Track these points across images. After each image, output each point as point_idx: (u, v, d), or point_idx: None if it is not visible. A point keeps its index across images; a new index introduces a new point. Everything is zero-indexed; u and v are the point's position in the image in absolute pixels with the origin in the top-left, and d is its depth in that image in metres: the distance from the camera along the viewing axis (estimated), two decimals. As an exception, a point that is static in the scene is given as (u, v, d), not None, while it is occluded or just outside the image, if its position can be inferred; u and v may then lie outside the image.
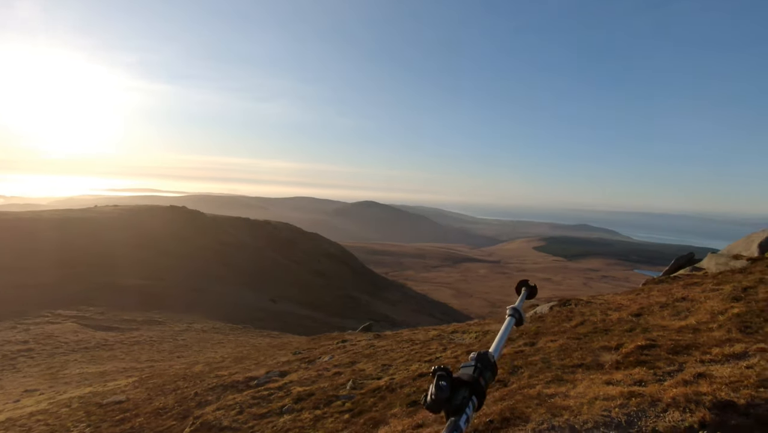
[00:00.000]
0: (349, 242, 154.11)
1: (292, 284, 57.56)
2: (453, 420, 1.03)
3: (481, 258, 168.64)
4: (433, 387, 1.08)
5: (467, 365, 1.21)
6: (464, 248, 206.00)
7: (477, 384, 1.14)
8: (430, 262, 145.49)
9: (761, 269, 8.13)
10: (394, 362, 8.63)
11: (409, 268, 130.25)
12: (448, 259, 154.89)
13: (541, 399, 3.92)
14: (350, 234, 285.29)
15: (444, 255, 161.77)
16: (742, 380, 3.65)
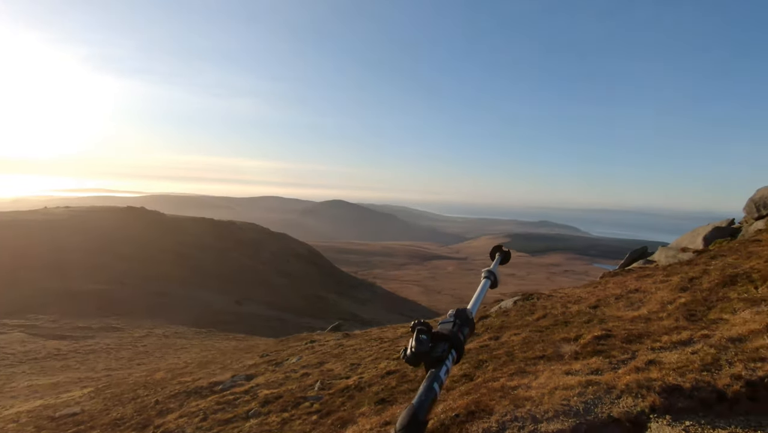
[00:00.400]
0: (317, 242, 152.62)
1: (259, 286, 56.39)
2: (433, 371, 1.04)
3: (449, 255, 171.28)
4: (414, 340, 1.09)
5: (446, 321, 1.22)
6: (432, 246, 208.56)
7: (456, 338, 1.15)
8: (398, 260, 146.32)
9: (705, 261, 8.69)
10: (363, 360, 8.63)
11: (378, 266, 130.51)
12: (416, 257, 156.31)
13: (504, 391, 4.03)
14: (319, 234, 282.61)
15: (412, 253, 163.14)
16: (687, 365, 3.90)
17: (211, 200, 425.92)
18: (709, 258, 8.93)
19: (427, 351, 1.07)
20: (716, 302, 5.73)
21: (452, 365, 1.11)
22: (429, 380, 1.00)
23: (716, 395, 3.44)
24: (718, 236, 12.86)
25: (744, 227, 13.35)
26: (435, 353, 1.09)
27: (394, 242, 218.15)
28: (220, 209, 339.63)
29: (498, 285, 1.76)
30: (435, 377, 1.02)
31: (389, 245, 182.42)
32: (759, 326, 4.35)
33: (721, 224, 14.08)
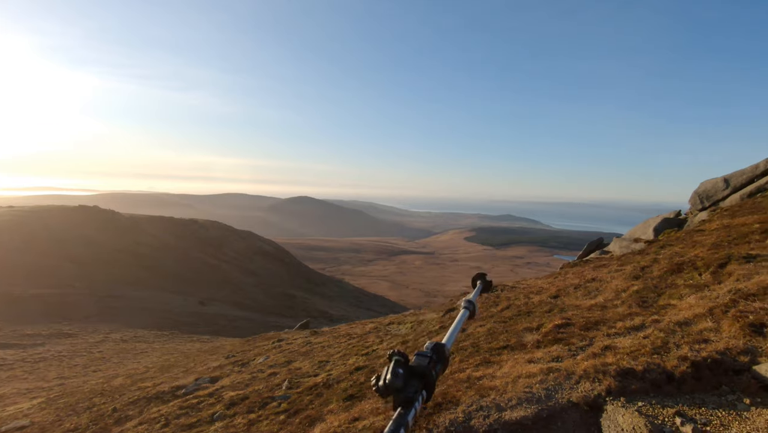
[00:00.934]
0: (284, 239, 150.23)
1: (224, 285, 54.88)
2: (402, 413, 1.01)
3: (416, 250, 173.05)
4: (389, 373, 1.06)
5: (423, 353, 1.20)
6: (399, 241, 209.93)
7: (429, 377, 1.14)
8: (366, 256, 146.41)
9: (655, 250, 9.21)
10: (332, 357, 8.59)
11: (346, 262, 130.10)
12: (383, 252, 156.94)
13: (470, 382, 4.12)
14: (285, 230, 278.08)
15: (380, 249, 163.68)
16: (639, 349, 4.12)
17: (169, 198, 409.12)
18: (658, 248, 9.47)
19: (400, 388, 1.06)
20: (665, 289, 6.09)
21: (420, 408, 1.10)
22: (396, 423, 0.98)
23: (665, 376, 3.66)
24: (666, 226, 13.65)
25: (689, 218, 14.25)
26: (407, 392, 1.07)
27: (362, 237, 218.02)
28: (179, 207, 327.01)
29: (475, 316, 1.75)
30: (402, 421, 0.99)
31: (357, 241, 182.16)
32: (703, 310, 4.65)
33: (670, 215, 14.97)
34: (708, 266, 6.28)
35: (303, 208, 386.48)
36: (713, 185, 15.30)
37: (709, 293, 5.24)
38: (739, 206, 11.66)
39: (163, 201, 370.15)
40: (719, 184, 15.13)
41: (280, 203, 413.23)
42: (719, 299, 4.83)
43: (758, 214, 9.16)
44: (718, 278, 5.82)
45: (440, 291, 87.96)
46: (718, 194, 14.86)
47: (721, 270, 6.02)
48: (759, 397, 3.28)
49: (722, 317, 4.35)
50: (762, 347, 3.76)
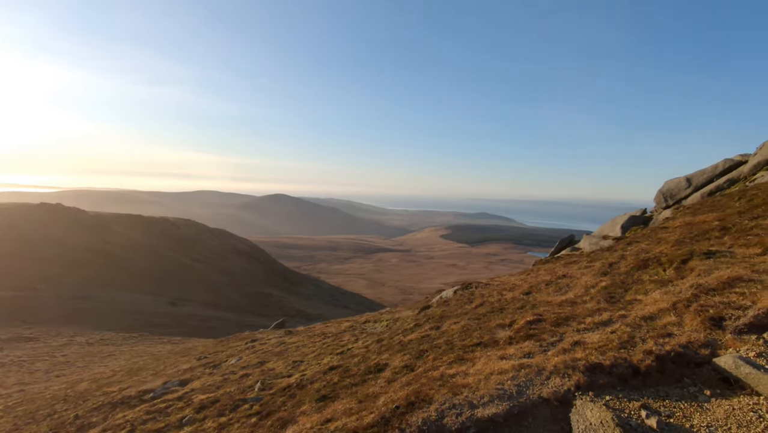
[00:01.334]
0: (259, 237, 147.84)
1: (197, 285, 53.56)
2: None
3: (393, 248, 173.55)
4: None
5: None
6: (376, 239, 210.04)
7: None
8: (342, 254, 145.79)
9: (622, 247, 9.49)
10: (306, 357, 8.48)
11: (322, 261, 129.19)
12: (360, 250, 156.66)
13: (444, 380, 4.13)
14: (260, 229, 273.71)
15: (356, 246, 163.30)
16: (607, 344, 4.22)
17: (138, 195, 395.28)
18: (625, 244, 9.77)
19: None
20: (632, 285, 6.27)
21: None
22: None
23: (631, 370, 3.76)
24: (633, 224, 14.12)
25: (654, 216, 14.78)
26: None
27: (339, 235, 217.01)
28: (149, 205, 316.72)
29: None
30: None
31: (333, 239, 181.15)
32: (667, 304, 4.81)
33: (636, 213, 15.49)
34: (672, 261, 6.51)
35: (278, 206, 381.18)
36: (676, 184, 15.92)
37: (673, 288, 5.42)
38: (700, 204, 12.17)
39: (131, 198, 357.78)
40: (682, 183, 15.76)
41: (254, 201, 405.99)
42: (682, 294, 5.00)
43: (717, 212, 9.57)
44: (681, 274, 6.03)
45: (417, 288, 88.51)
46: (681, 193, 15.48)
47: (684, 266, 6.24)
48: (718, 388, 3.41)
49: (685, 311, 4.50)
50: (721, 340, 3.91)
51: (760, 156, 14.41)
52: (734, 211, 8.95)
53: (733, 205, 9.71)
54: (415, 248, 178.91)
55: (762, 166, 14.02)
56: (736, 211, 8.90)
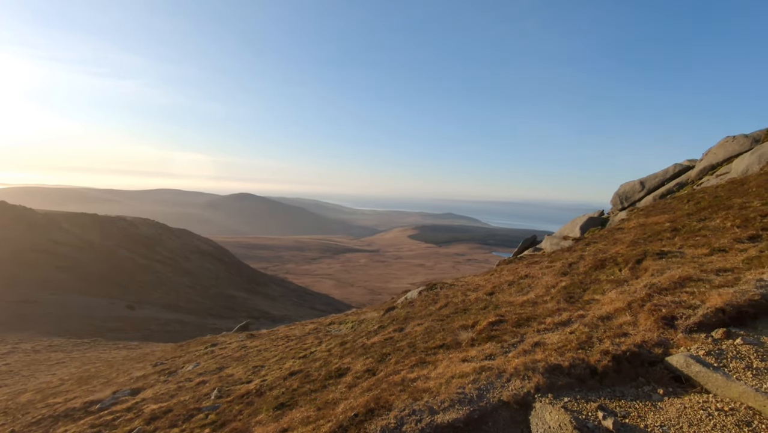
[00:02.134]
0: (223, 237, 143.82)
1: (156, 287, 51.33)
2: None
3: (361, 248, 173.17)
4: None
5: None
6: (344, 239, 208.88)
7: None
8: (310, 254, 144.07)
9: (581, 247, 9.76)
10: (267, 362, 8.20)
11: (289, 261, 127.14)
12: (328, 250, 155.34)
13: (404, 385, 4.03)
14: (224, 228, 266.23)
15: (324, 247, 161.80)
16: (566, 344, 4.25)
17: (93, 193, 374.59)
18: (584, 245, 10.05)
19: None
20: (590, 284, 6.41)
21: None
22: None
23: (589, 371, 3.79)
24: (591, 225, 14.62)
25: (611, 217, 15.36)
26: None
27: (306, 235, 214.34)
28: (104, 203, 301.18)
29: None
30: None
31: (301, 239, 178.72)
32: (622, 304, 4.92)
33: (594, 214, 16.06)
34: (627, 262, 6.71)
35: (244, 205, 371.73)
36: (631, 187, 16.63)
37: (628, 288, 5.57)
38: (652, 207, 12.73)
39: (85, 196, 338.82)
40: (636, 186, 16.48)
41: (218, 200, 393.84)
42: (636, 294, 5.13)
43: (668, 214, 10.01)
44: (635, 273, 6.22)
45: (385, 288, 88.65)
46: (636, 195, 16.19)
47: (638, 266, 6.45)
48: (671, 387, 3.49)
49: (639, 310, 4.61)
50: (673, 339, 4.02)
51: (705, 162, 15.27)
52: (684, 213, 9.39)
53: (682, 207, 10.19)
54: (383, 248, 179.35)
55: (707, 171, 14.86)
56: (685, 213, 9.34)
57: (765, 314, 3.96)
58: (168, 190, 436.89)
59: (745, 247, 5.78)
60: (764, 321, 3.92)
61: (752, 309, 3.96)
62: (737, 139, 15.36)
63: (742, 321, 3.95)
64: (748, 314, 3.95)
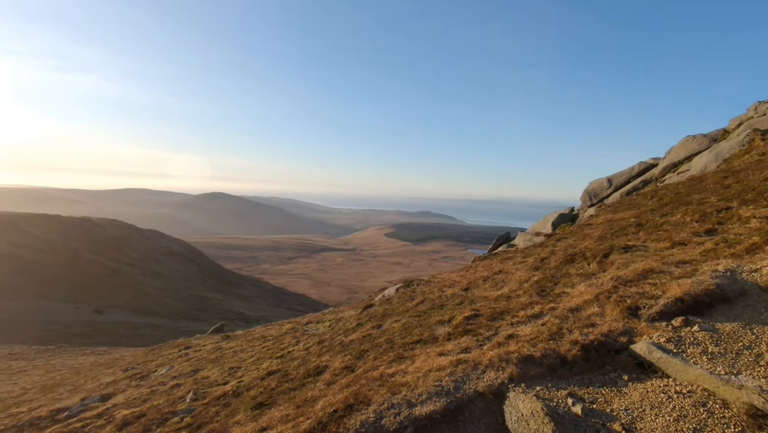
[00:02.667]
0: (195, 238, 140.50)
1: (125, 290, 49.63)
2: None
3: (338, 247, 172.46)
4: None
5: None
6: (320, 238, 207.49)
7: None
8: (286, 254, 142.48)
9: (553, 243, 10.07)
10: (244, 363, 8.11)
11: (265, 261, 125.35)
12: (304, 249, 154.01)
13: (383, 380, 4.09)
14: (197, 229, 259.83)
15: (300, 246, 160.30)
16: (538, 336, 4.41)
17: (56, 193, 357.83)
18: (555, 240, 10.38)
19: None
20: (560, 278, 6.65)
21: None
22: None
23: (560, 360, 3.95)
24: (562, 221, 15.07)
25: (581, 213, 15.88)
26: None
27: (282, 235, 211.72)
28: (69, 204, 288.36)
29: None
30: None
31: (276, 239, 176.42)
32: (590, 296, 5.13)
33: (565, 211, 16.56)
34: (595, 256, 6.99)
35: (217, 204, 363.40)
36: (599, 184, 17.24)
37: (596, 281, 5.81)
38: (619, 203, 13.24)
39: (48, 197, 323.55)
40: (604, 183, 17.10)
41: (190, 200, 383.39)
42: (603, 286, 5.36)
43: (633, 210, 10.45)
44: (603, 267, 6.49)
45: (362, 287, 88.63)
46: (603, 192, 16.79)
47: (606, 259, 6.73)
48: (635, 373, 3.68)
49: (606, 302, 4.83)
50: (637, 327, 4.23)
51: (668, 160, 15.99)
52: (648, 209, 9.82)
53: (646, 203, 10.65)
54: (359, 246, 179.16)
55: (670, 169, 15.56)
56: (649, 209, 9.77)
57: (719, 302, 4.22)
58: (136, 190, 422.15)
59: (702, 240, 6.12)
60: (719, 309, 4.18)
61: (708, 298, 4.21)
62: (697, 138, 16.15)
63: (699, 309, 4.20)
64: (704, 303, 4.21)
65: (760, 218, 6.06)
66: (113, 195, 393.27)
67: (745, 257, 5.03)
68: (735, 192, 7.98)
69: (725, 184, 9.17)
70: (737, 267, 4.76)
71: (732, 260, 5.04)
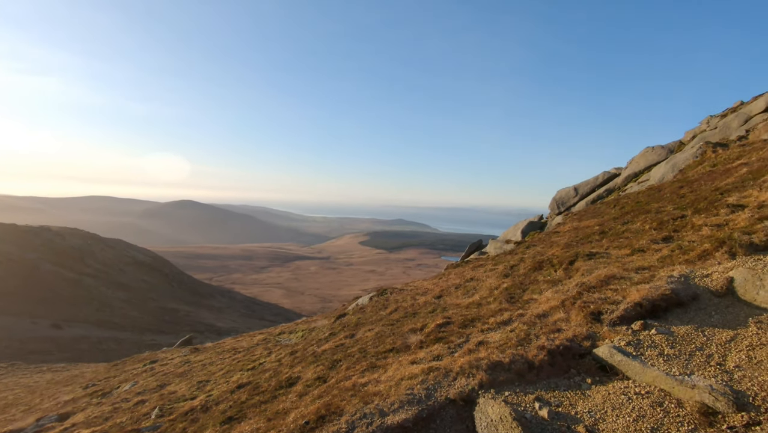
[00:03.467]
0: (163, 247, 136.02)
1: (87, 303, 47.40)
2: None
3: (311, 255, 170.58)
4: None
5: None
6: (294, 247, 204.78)
7: None
8: (258, 263, 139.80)
9: (522, 250, 10.35)
10: (213, 376, 7.90)
11: (236, 271, 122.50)
12: (277, 258, 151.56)
13: (355, 390, 4.09)
14: (164, 238, 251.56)
15: (273, 255, 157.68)
16: (507, 342, 4.53)
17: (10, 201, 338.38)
18: (525, 248, 10.66)
19: None
20: (529, 285, 6.84)
21: None
22: None
23: (527, 366, 4.06)
24: (531, 229, 15.49)
25: (549, 221, 16.38)
26: None
27: (254, 244, 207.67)
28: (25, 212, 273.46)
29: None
30: None
31: (249, 248, 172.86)
32: (557, 302, 5.31)
33: (534, 219, 17.04)
34: (561, 263, 7.23)
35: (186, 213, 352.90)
36: (567, 193, 17.85)
37: (562, 287, 6.01)
38: (585, 211, 13.75)
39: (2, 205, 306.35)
40: (571, 192, 17.71)
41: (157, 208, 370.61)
42: (569, 292, 5.56)
43: (597, 218, 10.89)
44: (569, 273, 6.72)
45: (336, 296, 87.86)
46: (570, 201, 17.39)
47: (571, 266, 6.97)
48: (598, 376, 3.83)
49: (571, 307, 5.00)
50: (600, 332, 4.41)
51: (629, 170, 16.75)
52: (610, 217, 10.25)
53: (609, 212, 11.12)
54: (334, 255, 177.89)
55: (631, 179, 16.30)
56: (612, 217, 10.20)
57: (675, 306, 4.46)
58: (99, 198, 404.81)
59: (660, 247, 6.44)
60: (674, 313, 4.42)
61: (664, 303, 4.44)
62: (656, 149, 17.01)
63: (656, 313, 4.42)
64: (661, 307, 4.43)
65: (711, 226, 6.44)
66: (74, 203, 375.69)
67: (697, 263, 5.33)
68: (689, 201, 8.44)
69: (680, 193, 9.69)
70: (690, 273, 5.05)
71: (686, 266, 5.33)
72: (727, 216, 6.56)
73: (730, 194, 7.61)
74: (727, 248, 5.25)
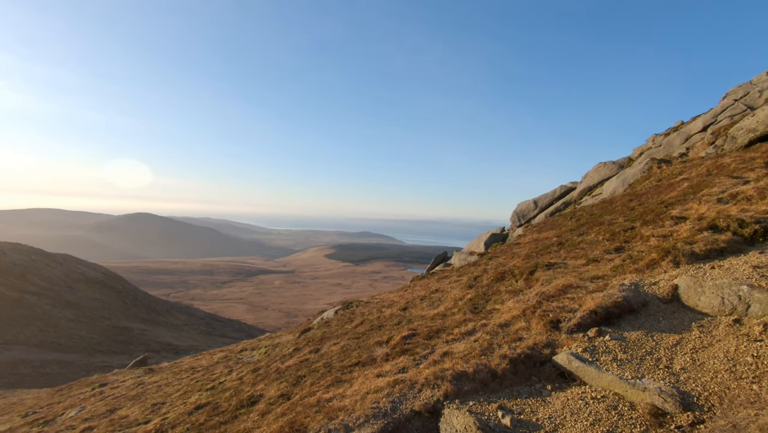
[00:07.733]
0: (117, 262, 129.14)
1: (29, 323, 43.97)
2: None
3: (276, 269, 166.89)
4: None
5: None
6: (257, 260, 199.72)
7: None
8: (219, 277, 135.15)
9: (485, 261, 10.59)
10: (169, 397, 7.51)
11: (196, 286, 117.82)
12: (240, 273, 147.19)
13: (320, 406, 4.02)
14: (118, 253, 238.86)
15: (235, 269, 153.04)
16: (471, 352, 4.59)
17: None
18: (488, 259, 10.91)
19: None
20: (492, 295, 6.99)
21: None
22: None
23: (491, 375, 4.14)
24: (494, 240, 15.91)
25: (510, 233, 16.88)
26: None
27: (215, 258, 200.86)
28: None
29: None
30: None
31: (209, 262, 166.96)
32: (518, 312, 5.46)
33: (496, 231, 17.51)
34: (522, 273, 7.45)
35: (141, 226, 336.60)
36: (527, 206, 18.50)
37: (523, 297, 6.19)
38: (544, 223, 14.28)
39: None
40: (531, 205, 18.37)
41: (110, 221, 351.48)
42: (529, 302, 5.73)
43: (556, 229, 11.33)
44: (529, 283, 6.93)
45: (301, 310, 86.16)
46: (530, 213, 18.02)
47: (532, 276, 7.20)
48: (557, 383, 3.95)
49: (532, 316, 5.16)
50: (558, 339, 4.56)
51: (584, 184, 17.60)
52: (567, 229, 10.70)
53: (567, 224, 11.60)
54: (299, 268, 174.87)
55: (586, 192, 17.12)
56: (568, 229, 10.65)
57: (626, 312, 4.70)
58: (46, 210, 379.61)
59: (612, 257, 6.79)
60: (626, 319, 4.65)
61: (617, 310, 4.67)
62: (607, 165, 17.99)
63: (610, 320, 4.63)
64: (614, 314, 4.65)
65: (658, 236, 6.86)
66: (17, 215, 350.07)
67: (646, 271, 5.65)
68: (638, 214, 8.96)
69: (630, 206, 10.27)
70: (640, 281, 5.34)
71: (636, 274, 5.64)
72: (671, 227, 7.00)
73: (674, 207, 8.15)
74: (672, 258, 5.60)
